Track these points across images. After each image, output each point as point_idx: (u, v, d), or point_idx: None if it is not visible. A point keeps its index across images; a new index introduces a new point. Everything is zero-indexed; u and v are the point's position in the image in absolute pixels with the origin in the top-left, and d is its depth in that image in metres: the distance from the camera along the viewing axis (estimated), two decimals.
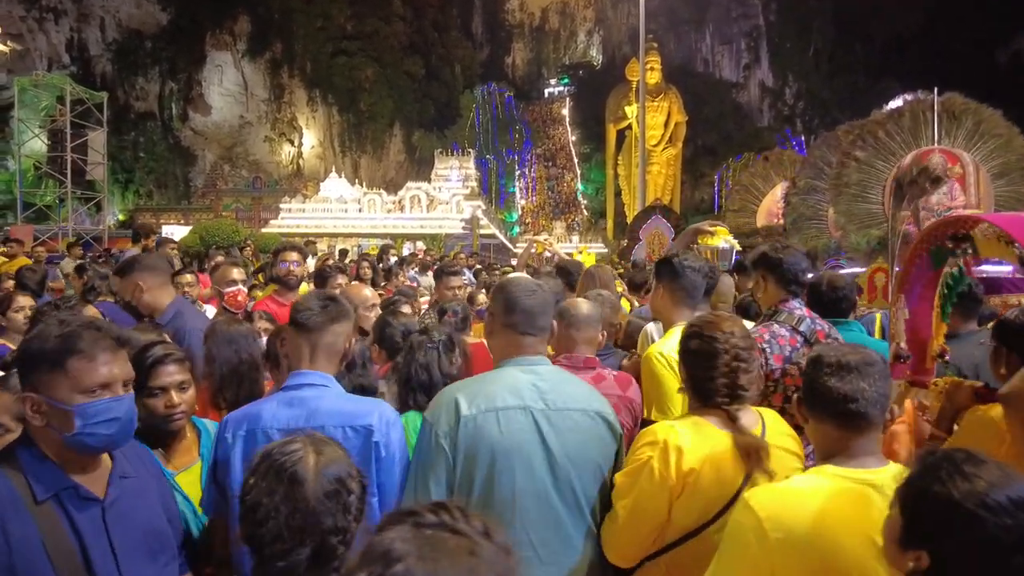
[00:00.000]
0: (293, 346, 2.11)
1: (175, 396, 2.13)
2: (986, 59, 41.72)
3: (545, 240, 6.00)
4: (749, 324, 2.66)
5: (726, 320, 1.98)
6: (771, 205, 8.84)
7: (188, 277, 4.66)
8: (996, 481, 1.15)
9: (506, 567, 0.82)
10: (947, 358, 2.89)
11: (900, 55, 45.25)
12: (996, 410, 1.96)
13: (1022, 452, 1.77)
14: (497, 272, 9.24)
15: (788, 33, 54.80)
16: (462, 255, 12.17)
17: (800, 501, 1.50)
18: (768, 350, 2.58)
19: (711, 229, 4.48)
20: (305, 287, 4.60)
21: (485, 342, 4.25)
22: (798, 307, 2.75)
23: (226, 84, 46.65)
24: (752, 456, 1.79)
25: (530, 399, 1.89)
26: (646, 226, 16.79)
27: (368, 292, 3.77)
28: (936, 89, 4.34)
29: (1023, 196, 4.51)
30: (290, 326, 2.12)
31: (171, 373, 2.15)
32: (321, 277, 4.61)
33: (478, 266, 12.17)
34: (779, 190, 8.56)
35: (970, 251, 2.55)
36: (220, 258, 6.69)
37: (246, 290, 4.04)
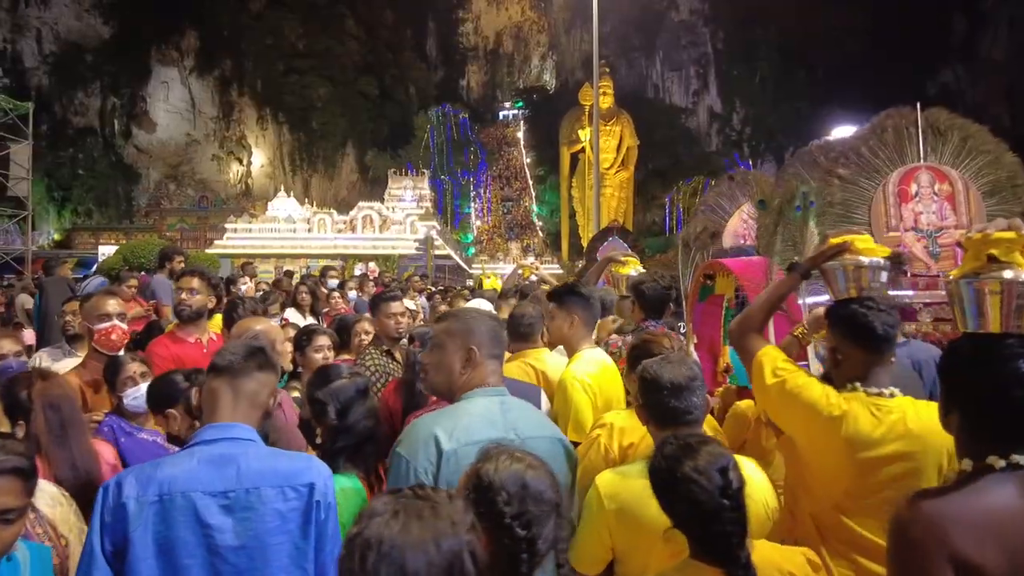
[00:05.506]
0: (210, 395, 1.79)
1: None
2: (920, 89, 43.67)
3: (532, 264, 6.20)
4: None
5: (662, 336, 2.68)
6: (737, 226, 8.67)
7: (74, 305, 3.76)
8: (693, 458, 1.57)
9: (462, 519, 1.07)
10: (731, 371, 3.74)
11: (841, 83, 46.99)
12: (745, 403, 2.78)
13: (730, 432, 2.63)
14: (451, 295, 8.73)
15: (735, 60, 56.50)
16: (416, 277, 11.51)
17: (628, 482, 1.93)
18: (617, 355, 3.26)
19: (623, 259, 4.92)
20: (219, 319, 3.96)
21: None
22: (653, 326, 3.38)
23: (172, 100, 45.42)
24: None
25: (504, 429, 1.89)
26: (603, 247, 16.70)
27: (276, 330, 3.30)
28: (919, 104, 4.21)
29: (1015, 215, 4.34)
30: (208, 372, 1.83)
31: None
32: (229, 317, 3.74)
33: (430, 288, 11.39)
34: (746, 209, 8.38)
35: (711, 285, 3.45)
36: (134, 282, 5.92)
37: (124, 327, 3.18)
